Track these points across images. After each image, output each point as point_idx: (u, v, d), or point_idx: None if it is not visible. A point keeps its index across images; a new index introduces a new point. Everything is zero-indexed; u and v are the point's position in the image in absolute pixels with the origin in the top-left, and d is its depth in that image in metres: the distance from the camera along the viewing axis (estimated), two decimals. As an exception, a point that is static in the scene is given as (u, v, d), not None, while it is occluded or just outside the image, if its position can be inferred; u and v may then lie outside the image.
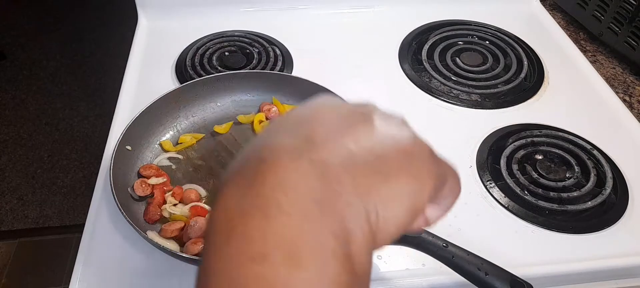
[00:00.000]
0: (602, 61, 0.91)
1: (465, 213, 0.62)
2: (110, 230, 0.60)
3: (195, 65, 0.83)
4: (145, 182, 0.62)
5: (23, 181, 1.88)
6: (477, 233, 0.60)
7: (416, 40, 0.92)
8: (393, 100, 0.80)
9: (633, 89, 0.85)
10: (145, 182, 0.62)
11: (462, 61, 0.86)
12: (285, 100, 0.74)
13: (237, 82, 0.74)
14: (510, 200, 0.64)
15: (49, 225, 1.74)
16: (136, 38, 0.90)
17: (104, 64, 2.34)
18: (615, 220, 0.62)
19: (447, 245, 0.49)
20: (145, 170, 0.63)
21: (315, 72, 0.74)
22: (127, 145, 0.64)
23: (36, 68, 2.36)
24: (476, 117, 0.77)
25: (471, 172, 0.68)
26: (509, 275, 0.47)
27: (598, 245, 0.60)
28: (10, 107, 2.17)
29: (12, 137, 2.04)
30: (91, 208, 0.62)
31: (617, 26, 0.90)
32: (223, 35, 0.90)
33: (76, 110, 2.16)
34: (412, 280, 0.55)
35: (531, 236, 0.60)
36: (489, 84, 0.82)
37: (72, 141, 2.03)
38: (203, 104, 0.73)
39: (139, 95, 0.78)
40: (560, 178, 0.66)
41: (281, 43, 0.89)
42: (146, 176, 0.63)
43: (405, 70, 0.85)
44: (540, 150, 0.69)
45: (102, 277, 0.56)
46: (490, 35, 0.92)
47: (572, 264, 0.58)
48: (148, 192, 0.61)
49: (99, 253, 0.57)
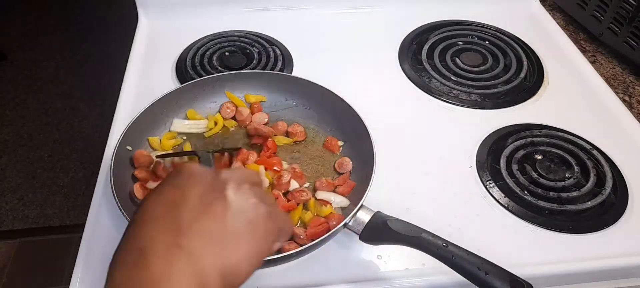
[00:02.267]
0: (602, 61, 0.91)
1: (465, 213, 0.63)
2: (111, 230, 0.60)
3: (196, 65, 0.83)
4: (144, 186, 0.62)
5: (23, 181, 1.88)
6: (477, 233, 0.60)
7: (416, 40, 0.92)
8: (393, 100, 0.80)
9: (633, 89, 0.86)
10: (144, 186, 0.62)
11: (461, 61, 0.86)
12: (285, 99, 0.74)
13: (237, 82, 0.74)
14: (510, 200, 0.64)
15: (49, 225, 1.74)
16: (136, 38, 0.90)
17: (105, 64, 2.34)
18: (615, 220, 0.62)
19: (447, 245, 0.49)
20: (141, 173, 0.63)
21: (315, 72, 0.74)
22: (128, 145, 0.64)
23: (36, 68, 2.36)
24: (476, 117, 0.77)
25: (471, 172, 0.68)
26: (508, 274, 0.47)
27: (598, 245, 0.60)
28: (11, 107, 2.17)
29: (13, 137, 2.04)
30: (91, 208, 0.62)
31: (616, 26, 0.90)
32: (223, 35, 0.91)
33: (76, 110, 2.16)
34: (412, 279, 0.55)
35: (531, 236, 0.60)
36: (488, 84, 0.82)
37: (72, 141, 2.03)
38: (203, 104, 0.73)
39: (139, 95, 0.78)
40: (560, 179, 0.66)
41: (281, 43, 0.89)
42: (142, 179, 0.63)
43: (405, 70, 0.85)
44: (540, 150, 0.69)
45: (103, 277, 0.55)
46: (490, 35, 0.92)
47: (572, 264, 0.58)
48: None
49: (99, 253, 0.57)
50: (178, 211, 0.33)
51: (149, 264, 0.30)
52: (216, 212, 0.34)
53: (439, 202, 0.64)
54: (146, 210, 0.35)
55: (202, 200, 0.34)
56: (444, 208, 0.63)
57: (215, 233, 0.33)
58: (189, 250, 0.31)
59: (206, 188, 0.35)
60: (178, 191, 0.35)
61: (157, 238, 0.32)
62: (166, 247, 0.31)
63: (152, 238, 0.32)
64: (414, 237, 0.50)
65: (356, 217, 0.53)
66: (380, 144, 0.61)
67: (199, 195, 0.35)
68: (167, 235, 0.32)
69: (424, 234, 0.50)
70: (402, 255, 0.57)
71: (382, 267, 0.57)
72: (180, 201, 0.34)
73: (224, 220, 0.34)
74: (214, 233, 0.33)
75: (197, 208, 0.34)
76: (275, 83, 0.74)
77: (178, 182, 0.36)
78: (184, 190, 0.35)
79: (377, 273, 0.56)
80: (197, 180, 0.36)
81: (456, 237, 0.50)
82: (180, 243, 0.31)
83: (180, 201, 0.34)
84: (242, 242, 0.35)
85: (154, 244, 0.32)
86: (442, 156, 0.70)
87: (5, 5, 2.67)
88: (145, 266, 0.30)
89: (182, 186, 0.35)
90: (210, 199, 0.35)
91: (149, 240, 0.32)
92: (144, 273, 0.30)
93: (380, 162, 0.59)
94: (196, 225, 0.33)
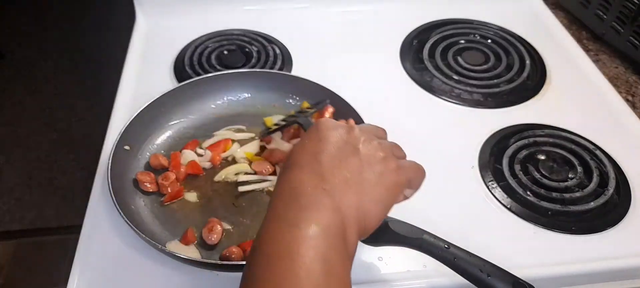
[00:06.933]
0: (605, 60, 0.91)
1: (467, 214, 0.62)
2: (108, 231, 0.59)
3: (194, 64, 0.82)
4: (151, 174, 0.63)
5: (20, 181, 1.87)
6: (479, 234, 0.59)
7: (417, 39, 0.91)
8: (394, 100, 0.79)
9: (636, 89, 0.85)
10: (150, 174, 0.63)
11: (463, 60, 0.86)
12: (285, 99, 0.73)
13: (236, 81, 0.73)
14: (512, 201, 0.63)
15: (46, 226, 1.73)
16: (134, 37, 0.89)
17: (102, 64, 2.32)
18: (618, 221, 0.62)
19: (449, 247, 0.48)
20: (143, 176, 0.63)
21: (315, 71, 0.73)
22: (125, 145, 0.63)
23: (34, 68, 2.35)
24: (478, 117, 0.76)
25: (473, 172, 0.67)
26: (511, 276, 0.46)
27: (601, 246, 0.59)
28: (8, 107, 2.16)
29: (10, 137, 2.03)
30: (89, 208, 0.61)
31: (619, 25, 0.89)
32: (222, 33, 0.90)
33: (74, 110, 2.15)
34: (413, 281, 0.55)
35: (533, 237, 0.60)
36: (491, 83, 0.82)
37: (69, 141, 2.02)
38: (202, 103, 0.72)
39: (137, 94, 0.77)
40: (563, 179, 0.65)
41: (280, 42, 0.89)
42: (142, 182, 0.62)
43: (407, 69, 0.85)
44: (542, 150, 0.69)
45: (100, 278, 0.55)
46: (492, 34, 0.92)
47: (575, 265, 0.57)
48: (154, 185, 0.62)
49: (96, 254, 0.57)
50: (320, 161, 0.39)
51: (300, 198, 0.37)
52: (351, 164, 0.40)
53: (441, 202, 0.63)
54: (294, 158, 0.41)
55: (339, 153, 0.40)
56: (446, 209, 0.62)
57: (351, 181, 0.39)
58: (331, 192, 0.37)
59: (342, 142, 0.41)
60: (319, 143, 0.41)
61: (305, 181, 0.38)
62: (313, 187, 0.37)
63: (301, 180, 0.38)
64: (415, 239, 0.49)
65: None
66: (381, 143, 0.60)
67: (336, 147, 0.40)
68: (313, 179, 0.38)
69: (425, 235, 0.49)
70: (404, 256, 0.56)
71: (383, 269, 0.56)
72: (321, 152, 0.40)
73: (358, 171, 0.40)
74: (350, 181, 0.39)
75: (335, 160, 0.39)
76: (275, 82, 0.74)
77: (318, 136, 0.41)
78: (323, 143, 0.40)
79: (378, 274, 0.56)
80: (333, 134, 0.41)
81: (458, 238, 0.49)
82: (324, 187, 0.37)
83: (321, 152, 0.40)
84: (374, 190, 0.40)
85: (302, 185, 0.38)
86: (444, 156, 0.69)
87: (3, 5, 2.66)
88: (297, 199, 0.37)
89: (322, 139, 0.41)
90: (346, 153, 0.40)
91: (299, 182, 0.38)
92: (297, 204, 0.36)
93: (381, 162, 0.58)
94: (336, 173, 0.39)
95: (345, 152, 0.41)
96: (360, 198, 0.39)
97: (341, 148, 0.41)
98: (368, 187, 0.40)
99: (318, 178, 0.38)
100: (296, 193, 0.37)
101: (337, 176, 0.39)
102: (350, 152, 0.41)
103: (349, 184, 0.39)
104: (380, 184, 0.41)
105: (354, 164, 0.40)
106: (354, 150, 0.41)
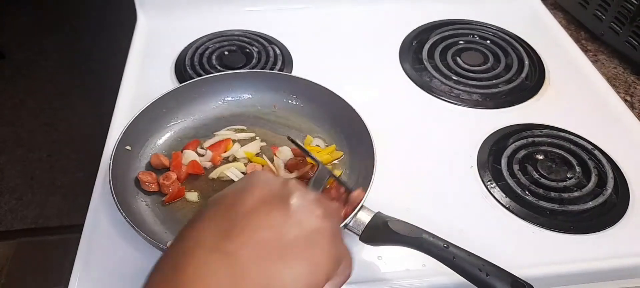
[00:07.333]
0: (603, 61, 0.91)
1: (466, 213, 0.62)
2: (110, 230, 0.59)
3: (195, 65, 0.83)
4: (152, 174, 0.63)
5: (22, 181, 1.87)
6: (478, 234, 0.60)
7: (417, 39, 0.92)
8: (394, 100, 0.79)
9: (634, 89, 0.85)
10: (152, 174, 0.63)
11: (462, 61, 0.86)
12: (285, 99, 0.74)
13: (236, 82, 0.74)
14: (511, 201, 0.63)
15: (48, 225, 1.73)
16: (135, 37, 0.90)
17: (103, 64, 2.32)
18: (616, 221, 0.62)
19: (448, 246, 0.49)
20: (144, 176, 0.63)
21: (315, 72, 0.73)
22: (127, 145, 0.64)
23: (35, 68, 2.36)
24: (477, 117, 0.76)
25: (472, 172, 0.67)
26: (510, 276, 0.46)
27: (599, 245, 0.59)
28: (9, 107, 2.17)
29: (11, 137, 2.03)
30: (90, 208, 0.62)
31: (618, 26, 0.89)
32: (222, 34, 0.90)
33: (75, 110, 2.15)
34: (412, 281, 0.55)
35: (532, 236, 0.60)
36: (489, 83, 0.82)
37: (71, 141, 2.02)
38: (203, 104, 0.73)
39: (138, 95, 0.78)
40: (561, 179, 0.65)
41: (281, 42, 0.89)
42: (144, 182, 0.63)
43: (406, 69, 0.85)
44: (541, 150, 0.69)
45: (102, 278, 0.55)
46: (491, 34, 0.92)
47: (573, 265, 0.57)
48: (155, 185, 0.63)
49: (98, 253, 0.57)
50: (233, 213, 0.31)
51: (186, 267, 0.28)
52: (274, 219, 0.31)
53: (440, 202, 0.63)
54: (203, 211, 0.32)
55: (262, 205, 0.31)
56: (445, 208, 0.63)
57: (267, 244, 0.29)
58: (234, 257, 0.28)
59: (269, 193, 0.32)
60: (240, 194, 0.32)
61: (203, 240, 0.29)
62: (208, 251, 0.28)
63: (198, 240, 0.29)
64: (414, 238, 0.50)
65: (356, 218, 0.53)
66: (381, 144, 0.61)
67: (259, 199, 0.32)
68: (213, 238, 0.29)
69: (424, 235, 0.50)
70: (403, 256, 0.56)
71: (382, 268, 0.56)
72: (239, 203, 0.31)
73: (281, 230, 0.30)
74: (265, 244, 0.29)
75: (254, 213, 0.31)
76: (275, 82, 0.74)
77: (243, 185, 0.33)
78: (246, 193, 0.32)
79: (378, 274, 0.56)
80: (263, 184, 0.33)
81: (457, 237, 0.50)
82: (226, 249, 0.28)
83: (239, 203, 0.31)
84: (296, 260, 0.30)
85: (197, 246, 0.29)
86: (443, 156, 0.69)
87: (4, 5, 2.67)
88: (182, 269, 0.28)
89: (245, 189, 0.32)
90: (270, 205, 0.31)
91: (194, 241, 0.29)
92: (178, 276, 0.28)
93: (380, 162, 0.58)
94: (248, 231, 0.29)
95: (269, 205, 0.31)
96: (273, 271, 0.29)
97: (265, 201, 0.32)
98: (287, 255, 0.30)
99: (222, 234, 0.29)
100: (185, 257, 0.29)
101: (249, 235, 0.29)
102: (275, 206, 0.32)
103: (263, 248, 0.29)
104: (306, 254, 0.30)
105: (276, 220, 0.31)
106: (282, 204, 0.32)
